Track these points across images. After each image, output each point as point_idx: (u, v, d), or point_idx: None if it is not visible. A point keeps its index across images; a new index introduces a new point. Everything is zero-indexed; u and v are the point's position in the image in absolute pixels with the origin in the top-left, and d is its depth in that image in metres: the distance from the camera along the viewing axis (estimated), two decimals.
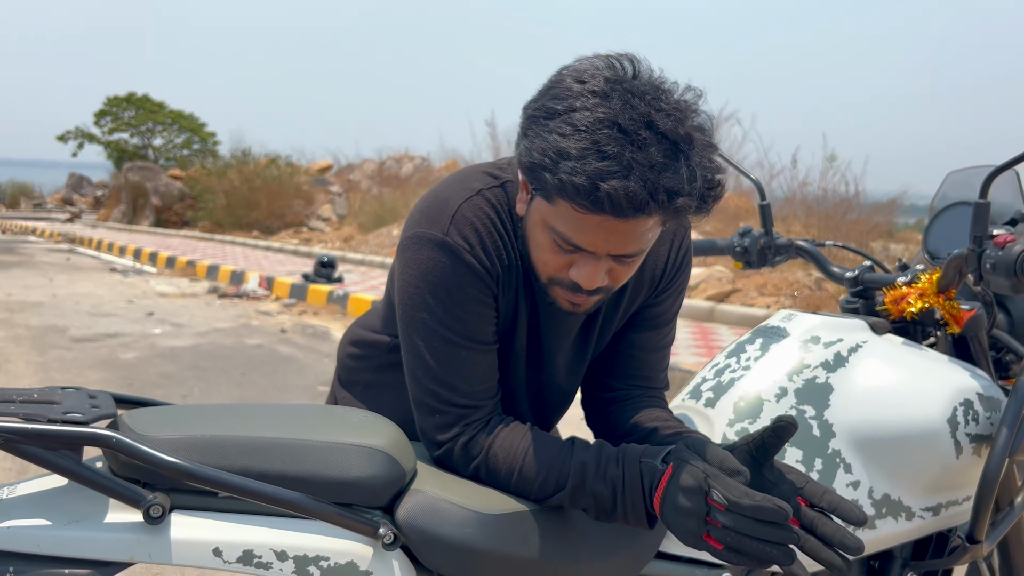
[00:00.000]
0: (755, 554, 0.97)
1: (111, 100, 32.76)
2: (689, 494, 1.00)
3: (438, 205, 1.17)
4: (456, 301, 1.14)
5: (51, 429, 0.89)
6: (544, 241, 1.11)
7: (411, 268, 1.16)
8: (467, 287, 1.14)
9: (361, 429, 1.07)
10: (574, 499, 1.11)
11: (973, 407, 1.33)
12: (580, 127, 0.99)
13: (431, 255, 1.14)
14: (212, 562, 0.94)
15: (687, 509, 1.00)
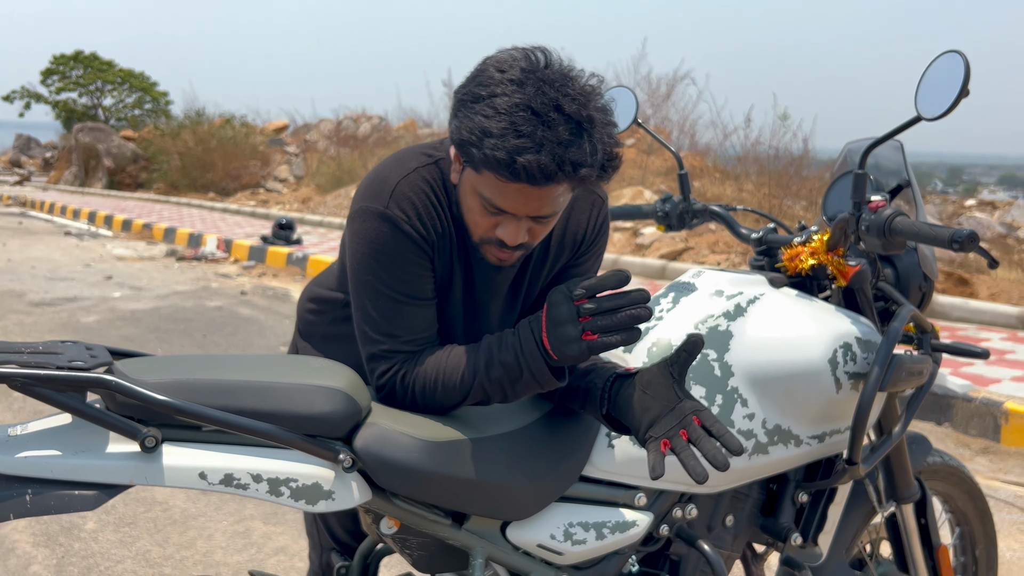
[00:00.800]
0: (625, 323, 1.18)
1: (58, 58, 32.02)
2: (558, 306, 1.22)
3: (380, 182, 1.36)
4: (397, 264, 1.33)
5: (59, 374, 1.05)
6: (474, 205, 1.30)
7: (358, 238, 1.35)
8: (406, 252, 1.33)
9: (322, 373, 1.25)
10: (489, 376, 1.29)
11: (852, 349, 1.54)
12: (500, 110, 1.18)
13: (374, 226, 1.33)
14: (198, 484, 1.11)
15: (561, 319, 1.21)
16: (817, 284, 1.72)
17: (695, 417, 1.21)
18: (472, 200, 1.30)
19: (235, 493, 1.13)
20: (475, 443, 1.31)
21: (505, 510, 1.34)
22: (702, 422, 1.21)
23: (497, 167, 1.19)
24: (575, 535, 1.39)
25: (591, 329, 1.20)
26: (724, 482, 1.51)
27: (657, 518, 1.49)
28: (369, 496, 1.24)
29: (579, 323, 1.21)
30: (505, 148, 1.17)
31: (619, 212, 1.98)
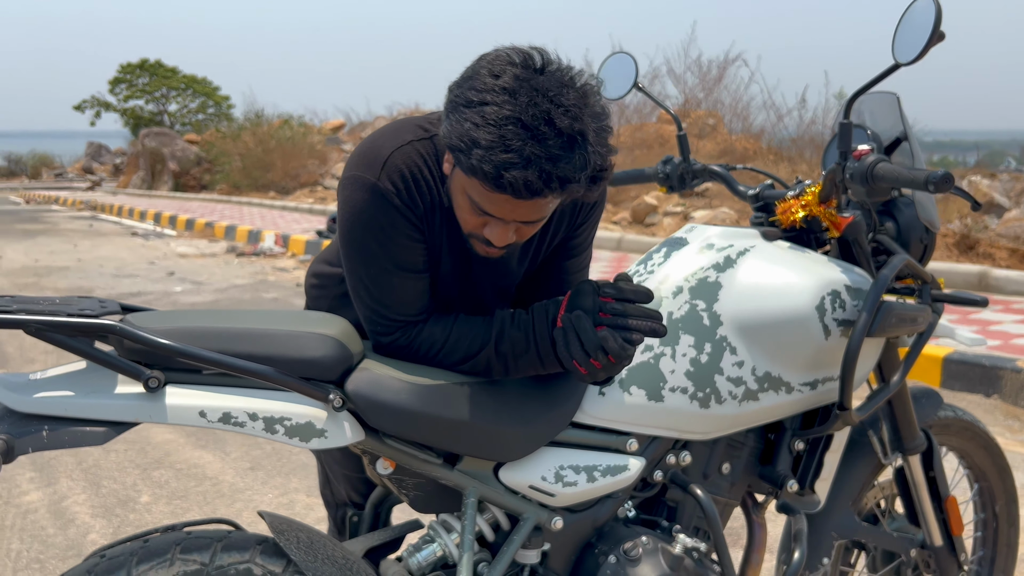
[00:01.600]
0: (641, 328, 1.29)
1: (125, 67, 33.02)
2: (584, 296, 1.32)
3: (373, 152, 1.36)
4: (388, 237, 1.35)
5: (70, 321, 1.15)
6: (463, 203, 1.31)
7: (348, 207, 1.36)
8: (397, 225, 1.35)
9: (317, 322, 1.33)
10: (498, 348, 1.37)
11: (840, 296, 1.57)
12: (490, 120, 1.17)
13: (365, 197, 1.34)
14: (198, 421, 1.21)
15: (584, 308, 1.31)
16: (816, 239, 1.75)
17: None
18: (461, 198, 1.31)
19: (232, 430, 1.22)
20: (464, 386, 1.39)
21: (495, 451, 1.40)
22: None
23: (484, 179, 1.19)
24: (566, 477, 1.45)
25: (608, 324, 1.30)
26: (717, 429, 1.55)
27: (650, 464, 1.54)
28: (361, 436, 1.32)
29: (598, 317, 1.30)
30: (492, 162, 1.17)
31: (622, 177, 2.03)
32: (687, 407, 1.51)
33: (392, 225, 1.35)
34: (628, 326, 1.29)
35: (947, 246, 7.84)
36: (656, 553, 1.48)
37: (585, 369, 1.30)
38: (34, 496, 3.22)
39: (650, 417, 1.50)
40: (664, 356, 1.51)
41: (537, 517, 1.45)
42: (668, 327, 1.52)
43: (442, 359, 1.40)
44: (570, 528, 1.50)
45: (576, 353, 1.30)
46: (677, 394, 1.50)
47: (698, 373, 1.51)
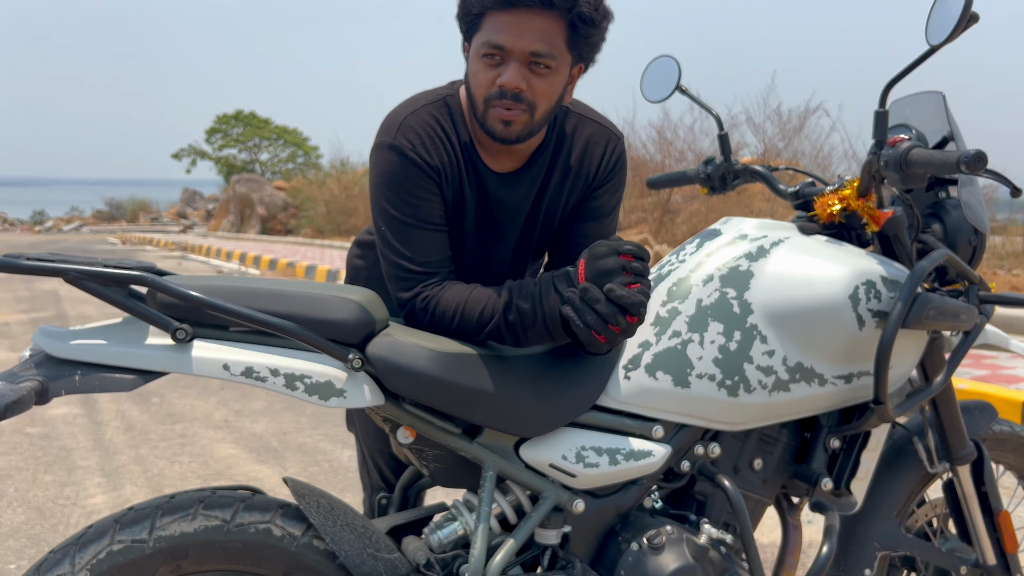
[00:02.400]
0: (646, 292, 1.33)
1: (221, 118, 34.46)
2: (606, 257, 1.34)
3: (390, 120, 1.50)
4: (406, 190, 1.46)
5: (105, 270, 1.22)
6: (478, 67, 1.44)
7: (373, 171, 1.49)
8: (413, 178, 1.46)
9: (342, 289, 1.37)
10: (506, 317, 1.40)
11: (876, 287, 1.54)
12: None
13: (385, 156, 1.47)
14: (222, 374, 1.25)
15: (607, 267, 1.33)
16: (858, 236, 1.72)
17: None
18: (477, 64, 1.44)
19: (254, 384, 1.26)
20: (485, 358, 1.40)
21: (514, 425, 1.41)
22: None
23: None
24: (587, 458, 1.44)
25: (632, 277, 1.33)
26: (746, 419, 1.53)
27: (677, 453, 1.52)
28: (381, 400, 1.34)
29: (624, 276, 1.33)
30: None
31: (664, 179, 2.04)
32: (714, 394, 1.49)
33: (409, 179, 1.45)
34: (649, 285, 1.33)
35: None
36: (680, 543, 1.46)
37: (605, 337, 1.31)
38: (99, 499, 3.32)
39: (676, 403, 1.49)
40: (692, 342, 1.50)
41: (558, 497, 1.45)
42: (698, 314, 1.51)
43: (458, 327, 1.43)
44: (593, 512, 1.48)
45: (594, 323, 1.31)
46: (704, 381, 1.49)
47: (726, 361, 1.49)
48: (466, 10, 1.43)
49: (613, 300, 1.31)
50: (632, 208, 12.07)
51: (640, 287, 1.33)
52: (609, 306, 1.30)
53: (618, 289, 1.30)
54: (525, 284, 1.43)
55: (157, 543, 1.27)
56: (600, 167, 1.59)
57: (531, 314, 1.38)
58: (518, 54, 1.41)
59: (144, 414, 4.60)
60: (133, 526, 1.27)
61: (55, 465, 3.72)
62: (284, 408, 4.73)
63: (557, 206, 1.60)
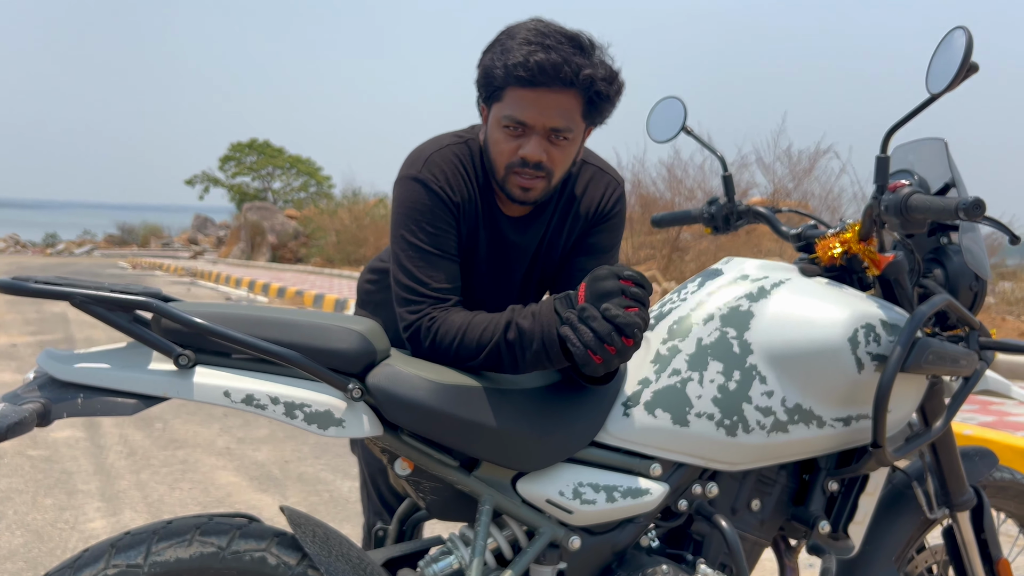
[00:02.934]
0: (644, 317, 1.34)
1: (235, 146, 34.77)
2: (606, 279, 1.36)
3: (416, 155, 1.59)
4: (427, 220, 1.53)
5: (110, 295, 1.23)
6: (499, 136, 1.52)
7: (397, 201, 1.55)
8: (436, 209, 1.53)
9: (346, 320, 1.39)
10: (506, 336, 1.42)
11: (875, 330, 1.54)
12: (516, 38, 1.47)
13: (410, 187, 1.55)
14: (223, 400, 1.26)
15: (607, 289, 1.35)
16: (859, 279, 1.73)
17: None
18: (497, 132, 1.52)
19: (254, 412, 1.27)
20: (485, 391, 1.41)
21: (511, 459, 1.41)
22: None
23: (515, 70, 1.44)
24: (584, 494, 1.44)
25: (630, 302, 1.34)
26: (745, 460, 1.53)
27: (674, 491, 1.52)
28: (380, 431, 1.35)
29: (623, 300, 1.34)
30: (522, 54, 1.44)
31: (668, 218, 2.06)
32: (713, 434, 1.49)
33: (432, 210, 1.53)
34: (647, 311, 1.35)
35: None
36: None
37: (600, 356, 1.32)
38: (98, 524, 3.32)
39: (674, 442, 1.49)
40: (691, 381, 1.50)
41: (554, 533, 1.45)
42: (698, 353, 1.52)
43: (459, 351, 1.44)
44: (588, 550, 1.48)
45: (589, 341, 1.32)
46: (703, 420, 1.49)
47: (725, 400, 1.50)
48: (488, 81, 1.50)
49: (609, 319, 1.32)
50: (641, 245, 12.11)
51: (638, 311, 1.34)
52: (605, 324, 1.31)
53: (614, 308, 1.32)
54: (526, 307, 1.45)
55: (152, 568, 1.27)
56: (599, 208, 1.66)
57: (530, 333, 1.40)
58: (540, 129, 1.50)
59: (147, 439, 4.60)
60: (129, 551, 1.28)
61: (55, 488, 3.73)
62: (287, 436, 4.73)
63: (557, 244, 1.67)
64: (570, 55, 1.45)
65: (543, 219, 1.64)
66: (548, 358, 1.41)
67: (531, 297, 1.73)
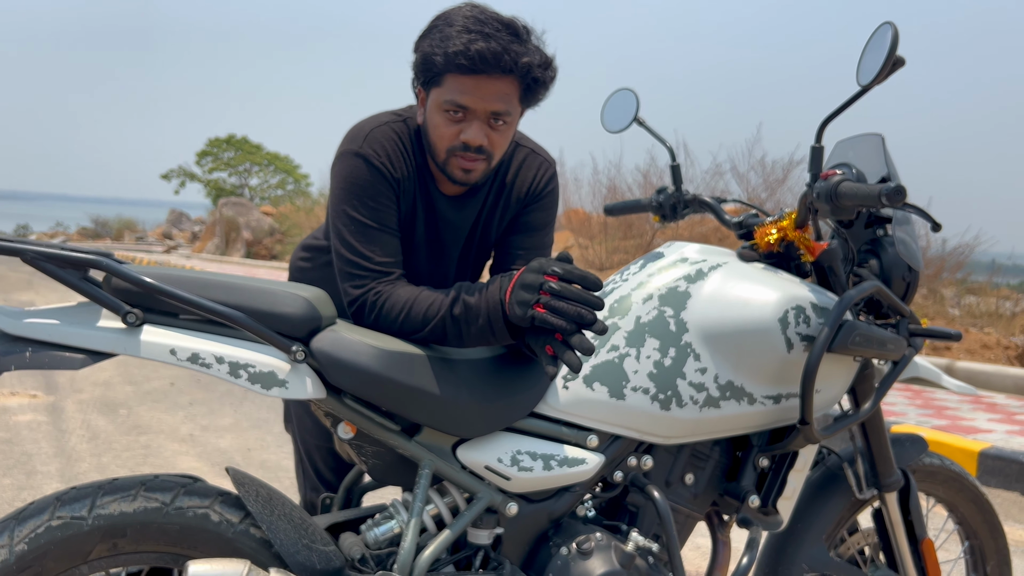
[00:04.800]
0: (570, 314, 1.32)
1: (212, 142, 34.60)
2: (531, 272, 1.38)
3: (356, 131, 1.61)
4: (368, 194, 1.55)
5: (61, 252, 1.27)
6: (439, 120, 1.54)
7: (337, 176, 1.58)
8: (376, 183, 1.56)
9: (293, 286, 1.43)
10: (452, 311, 1.46)
11: (805, 312, 1.61)
12: (454, 25, 1.50)
13: (352, 162, 1.57)
14: (168, 358, 1.30)
15: (526, 283, 1.37)
16: (797, 266, 1.79)
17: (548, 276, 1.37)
18: (438, 116, 1.54)
19: (199, 370, 1.31)
20: (428, 358, 1.46)
21: (451, 425, 1.46)
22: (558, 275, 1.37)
23: (455, 59, 1.47)
24: (522, 462, 1.50)
25: (543, 304, 1.36)
26: (678, 433, 1.59)
27: (610, 463, 1.58)
28: (323, 393, 1.39)
29: (537, 294, 1.37)
30: (461, 42, 1.47)
31: (619, 207, 2.12)
32: (648, 407, 1.55)
33: (373, 184, 1.55)
34: (559, 309, 1.33)
35: (1008, 358, 7.68)
36: (608, 550, 1.51)
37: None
38: None
39: (611, 414, 1.55)
40: (629, 356, 1.56)
41: (491, 499, 1.50)
42: (636, 330, 1.58)
43: (404, 324, 1.49)
44: (525, 516, 1.53)
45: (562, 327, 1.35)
46: (639, 394, 1.55)
47: (661, 375, 1.56)
48: (427, 67, 1.52)
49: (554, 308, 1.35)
50: (614, 249, 12.20)
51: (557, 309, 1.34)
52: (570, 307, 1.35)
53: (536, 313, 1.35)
54: (474, 284, 1.51)
55: (96, 521, 1.31)
56: (531, 187, 1.71)
57: (476, 308, 1.45)
58: (480, 114, 1.53)
59: (110, 424, 4.60)
60: (73, 503, 1.31)
61: (14, 469, 3.73)
62: (251, 426, 4.75)
63: (492, 224, 1.72)
64: (508, 43, 1.49)
65: (478, 198, 1.68)
66: (493, 333, 1.46)
67: (467, 275, 1.78)
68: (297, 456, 1.88)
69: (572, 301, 1.34)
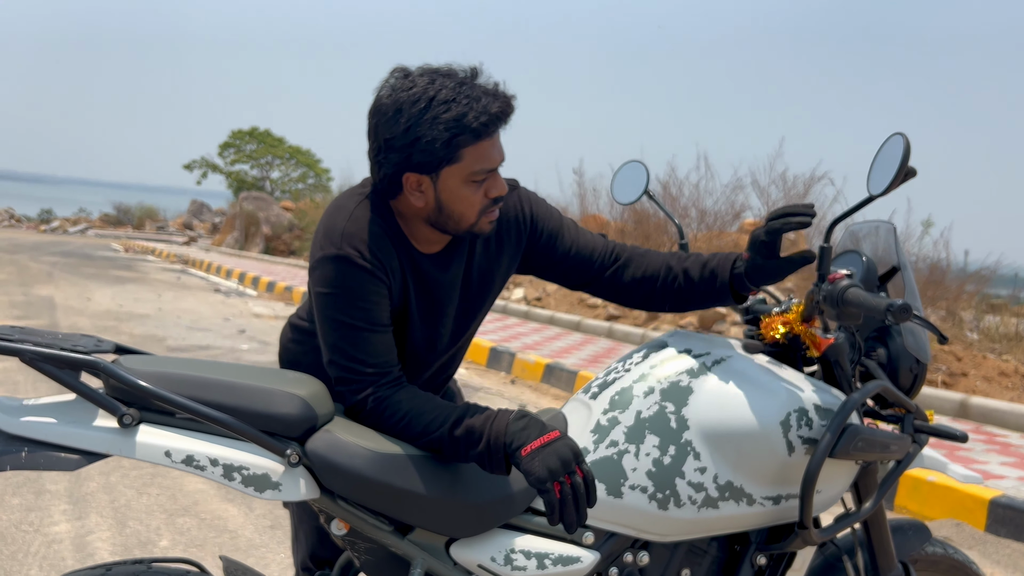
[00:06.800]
0: (570, 516, 1.39)
1: (235, 133, 34.74)
2: (567, 447, 1.40)
3: (329, 230, 1.56)
4: (357, 296, 1.51)
5: (59, 354, 1.28)
6: (467, 193, 1.53)
7: (321, 281, 1.53)
8: (364, 284, 1.52)
9: (290, 382, 1.43)
10: (453, 432, 1.45)
11: (808, 415, 1.59)
12: (446, 102, 1.46)
13: (333, 267, 1.52)
14: (163, 460, 1.30)
15: (563, 459, 1.39)
16: (802, 357, 1.78)
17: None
18: (465, 190, 1.53)
19: (194, 472, 1.32)
20: (423, 459, 1.45)
21: (445, 526, 1.46)
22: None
23: (482, 130, 1.48)
24: (516, 561, 1.49)
25: (562, 490, 1.40)
26: (675, 532, 1.58)
27: (605, 559, 1.57)
28: (316, 495, 1.39)
29: (563, 475, 1.39)
30: (476, 112, 1.47)
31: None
32: (645, 506, 1.54)
33: (361, 286, 1.51)
34: (566, 504, 1.40)
35: (1014, 386, 7.61)
36: None
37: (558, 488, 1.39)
38: (63, 527, 3.36)
39: (607, 512, 1.54)
40: (628, 453, 1.55)
41: None
42: (636, 426, 1.57)
43: (403, 430, 1.48)
44: None
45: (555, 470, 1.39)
46: (636, 492, 1.54)
47: (659, 474, 1.54)
48: (434, 152, 1.48)
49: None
50: None
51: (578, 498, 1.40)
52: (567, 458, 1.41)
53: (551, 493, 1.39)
54: (481, 407, 1.49)
55: None
56: (521, 220, 1.72)
57: (478, 434, 1.44)
58: (498, 166, 1.56)
59: None
60: None
61: (24, 487, 3.76)
62: None
63: (491, 268, 1.71)
64: (500, 94, 1.51)
65: (461, 248, 1.67)
66: (489, 462, 1.45)
67: (463, 332, 1.74)
68: (293, 532, 1.88)
69: (579, 505, 1.40)
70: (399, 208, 1.60)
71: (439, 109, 1.47)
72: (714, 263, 1.71)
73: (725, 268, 1.68)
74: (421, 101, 1.48)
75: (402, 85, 1.51)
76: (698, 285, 1.72)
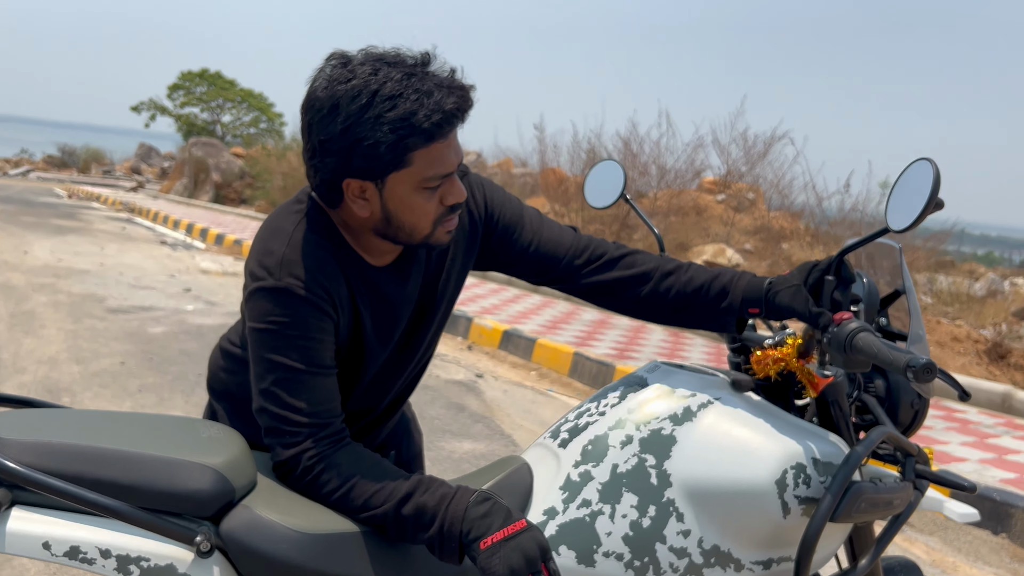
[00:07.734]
0: None
1: (185, 75, 33.63)
2: (534, 543, 1.22)
3: (264, 257, 1.32)
4: (298, 333, 1.29)
5: None
6: (419, 201, 1.31)
7: (256, 315, 1.31)
8: (307, 318, 1.29)
9: (204, 446, 1.20)
10: (400, 510, 1.23)
11: (806, 471, 1.40)
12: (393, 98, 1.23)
13: (272, 299, 1.29)
14: (41, 554, 1.07)
15: (529, 557, 1.20)
16: (797, 391, 1.58)
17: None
18: (416, 197, 1.31)
19: (80, 568, 1.08)
20: (353, 538, 1.23)
21: None
22: None
23: (435, 130, 1.25)
24: None
25: None
26: None
27: None
28: None
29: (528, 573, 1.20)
30: (429, 109, 1.24)
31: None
32: (621, 575, 1.34)
33: (303, 321, 1.29)
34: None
35: (977, 353, 7.59)
36: None
37: None
38: None
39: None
40: (602, 515, 1.35)
41: None
42: (611, 482, 1.37)
43: (340, 501, 1.25)
44: None
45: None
46: (611, 560, 1.34)
47: (637, 538, 1.35)
48: (377, 157, 1.25)
49: None
50: (591, 219, 11.97)
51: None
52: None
53: None
54: (435, 482, 1.27)
55: None
56: (478, 210, 1.53)
57: (431, 515, 1.23)
58: (454, 170, 1.34)
59: None
60: None
61: None
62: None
63: (456, 268, 1.52)
64: (451, 84, 1.28)
65: (419, 255, 1.46)
66: (440, 549, 1.24)
67: (428, 346, 1.55)
68: None
69: None
70: (342, 218, 1.37)
71: (383, 106, 1.24)
72: (725, 279, 1.50)
73: (739, 289, 1.48)
74: (362, 96, 1.24)
75: (340, 76, 1.26)
76: (700, 300, 1.51)
